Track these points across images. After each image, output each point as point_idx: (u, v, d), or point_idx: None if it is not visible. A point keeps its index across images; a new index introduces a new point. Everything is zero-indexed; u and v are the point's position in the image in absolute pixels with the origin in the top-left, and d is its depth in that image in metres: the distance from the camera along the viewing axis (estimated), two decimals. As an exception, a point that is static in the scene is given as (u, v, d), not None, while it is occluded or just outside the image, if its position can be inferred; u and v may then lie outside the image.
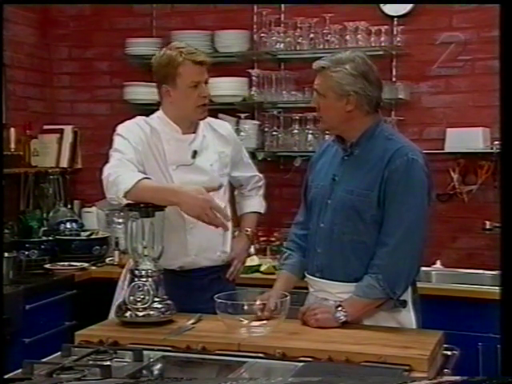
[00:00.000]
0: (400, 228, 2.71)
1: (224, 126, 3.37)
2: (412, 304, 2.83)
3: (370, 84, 2.77)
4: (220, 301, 2.62)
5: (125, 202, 2.86)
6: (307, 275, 2.93)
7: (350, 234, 2.78)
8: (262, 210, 3.46)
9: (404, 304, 2.78)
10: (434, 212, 4.46)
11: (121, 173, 2.91)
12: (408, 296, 2.82)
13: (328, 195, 2.84)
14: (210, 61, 3.15)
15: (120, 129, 3.12)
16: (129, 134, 3.07)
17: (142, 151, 3.05)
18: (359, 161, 2.81)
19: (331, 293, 2.82)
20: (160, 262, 2.87)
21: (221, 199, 3.10)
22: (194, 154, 3.13)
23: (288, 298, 2.70)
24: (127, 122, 3.15)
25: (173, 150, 3.10)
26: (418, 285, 4.02)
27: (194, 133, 3.16)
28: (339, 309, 2.71)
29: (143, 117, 3.18)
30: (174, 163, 3.09)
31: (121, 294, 3.03)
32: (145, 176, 2.89)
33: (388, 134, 2.84)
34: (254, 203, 3.43)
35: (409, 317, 2.82)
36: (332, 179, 2.85)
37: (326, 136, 4.49)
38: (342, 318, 2.70)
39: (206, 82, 3.12)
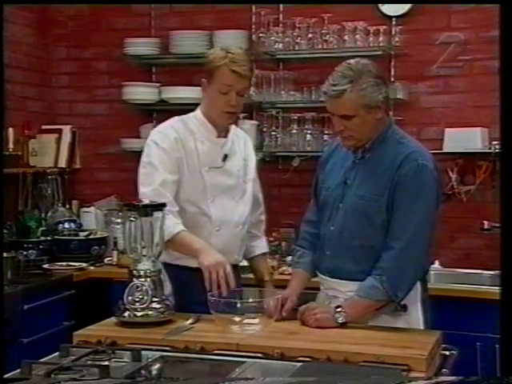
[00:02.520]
0: (407, 232, 2.71)
1: (248, 138, 3.42)
2: (421, 304, 2.83)
3: (386, 85, 2.79)
4: (213, 299, 2.65)
5: None
6: (318, 274, 2.95)
7: (359, 238, 2.79)
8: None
9: (405, 308, 2.78)
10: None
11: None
12: (417, 295, 2.82)
13: (340, 199, 2.85)
14: (251, 75, 3.20)
15: (155, 135, 3.17)
16: (165, 140, 3.11)
17: (177, 156, 3.10)
18: (370, 165, 2.80)
19: (341, 291, 2.84)
20: (180, 260, 3.05)
21: (245, 205, 3.22)
22: (225, 157, 3.20)
23: (280, 296, 2.71)
24: (162, 126, 3.21)
25: (206, 152, 3.16)
26: (417, 285, 4.04)
27: (225, 137, 3.22)
28: (339, 309, 2.71)
29: (179, 117, 3.22)
30: (206, 164, 3.15)
31: None
32: (182, 229, 2.99)
33: (399, 138, 2.83)
34: (263, 244, 3.44)
35: (416, 317, 2.83)
36: (344, 182, 2.85)
37: (325, 136, 4.51)
38: (341, 318, 2.70)
39: (241, 94, 3.12)
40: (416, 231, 2.72)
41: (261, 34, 4.68)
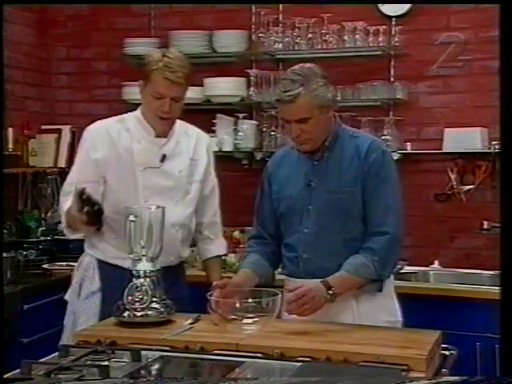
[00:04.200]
0: (390, 215, 2.84)
1: (206, 138, 3.38)
2: (395, 293, 2.95)
3: (330, 84, 2.85)
4: (212, 299, 2.65)
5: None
6: (292, 279, 2.93)
7: (340, 233, 2.86)
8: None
9: (381, 288, 2.87)
10: (431, 212, 4.50)
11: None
12: (391, 284, 2.93)
13: (308, 201, 2.88)
14: (186, 83, 3.07)
15: (87, 133, 3.22)
16: (93, 140, 3.17)
17: (105, 157, 3.12)
18: (333, 162, 2.88)
19: None
20: (114, 259, 3.10)
21: (186, 206, 3.18)
22: (163, 157, 3.14)
23: (279, 295, 2.72)
24: (95, 126, 3.22)
25: (142, 151, 3.13)
26: (416, 285, 4.07)
27: (165, 137, 3.17)
28: (330, 291, 2.73)
29: (117, 117, 3.23)
30: (141, 164, 3.11)
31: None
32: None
33: (352, 133, 2.96)
34: (216, 246, 3.39)
35: (394, 308, 2.93)
36: (307, 185, 2.89)
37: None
38: (332, 299, 2.73)
39: (176, 100, 3.07)
40: (396, 212, 2.87)
41: (260, 34, 4.69)
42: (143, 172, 3.11)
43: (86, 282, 3.20)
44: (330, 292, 2.74)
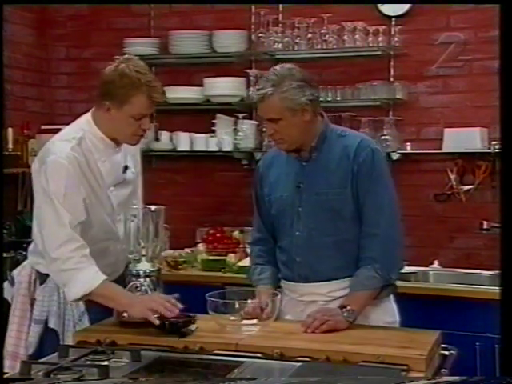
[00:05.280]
0: (382, 216, 2.79)
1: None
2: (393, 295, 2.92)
3: (314, 87, 2.81)
4: (211, 299, 2.65)
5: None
6: (287, 282, 2.92)
7: (331, 235, 2.82)
8: None
9: (396, 288, 2.88)
10: (431, 212, 4.50)
11: (77, 267, 2.70)
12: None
13: (298, 203, 2.85)
14: (164, 100, 2.88)
15: (53, 171, 2.74)
16: (69, 177, 2.74)
17: (86, 192, 2.81)
18: (321, 163, 2.84)
19: (321, 293, 2.83)
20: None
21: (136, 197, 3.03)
22: (125, 168, 2.97)
23: (279, 296, 2.72)
24: (60, 159, 2.75)
25: (109, 171, 2.89)
26: (416, 285, 4.07)
27: (119, 145, 2.95)
28: (346, 308, 2.69)
29: (72, 142, 2.81)
30: (111, 183, 2.91)
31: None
32: (104, 278, 2.71)
33: (340, 132, 2.90)
34: None
35: (392, 309, 2.90)
36: (296, 187, 2.86)
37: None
38: (351, 316, 2.69)
39: (151, 116, 2.96)
40: (390, 213, 2.81)
41: (260, 34, 4.69)
42: (114, 191, 2.92)
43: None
44: (347, 309, 2.68)
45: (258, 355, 2.43)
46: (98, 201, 2.87)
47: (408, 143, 4.51)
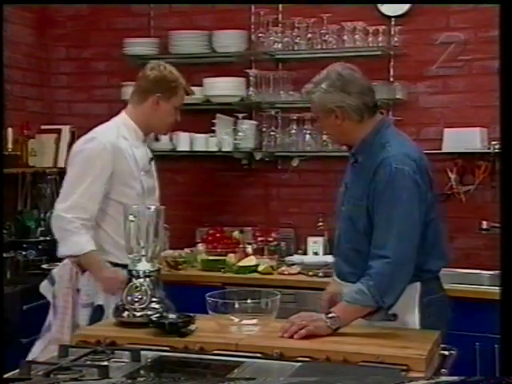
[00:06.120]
0: (390, 239, 2.68)
1: None
2: (419, 308, 2.79)
3: (350, 94, 2.80)
4: (211, 299, 2.65)
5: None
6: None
7: (349, 242, 2.87)
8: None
9: (395, 317, 2.75)
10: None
11: (74, 230, 3.23)
12: (415, 299, 2.79)
13: (342, 202, 2.92)
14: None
15: (103, 150, 3.31)
16: (109, 156, 3.29)
17: (121, 169, 3.30)
18: (359, 169, 2.86)
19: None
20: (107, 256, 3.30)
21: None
22: (151, 160, 3.50)
23: (278, 296, 2.72)
24: (108, 141, 3.31)
25: (140, 157, 3.41)
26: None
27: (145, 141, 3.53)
28: (331, 315, 2.64)
29: (112, 126, 3.41)
30: (142, 168, 3.40)
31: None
32: (93, 248, 3.24)
33: (384, 142, 2.80)
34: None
35: (412, 321, 2.79)
36: (345, 185, 2.93)
37: (324, 136, 4.51)
38: (333, 324, 2.63)
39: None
40: (399, 238, 2.67)
41: (260, 34, 4.69)
42: (144, 176, 3.39)
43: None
44: (331, 316, 2.62)
45: (258, 355, 2.43)
46: (135, 180, 3.34)
47: (408, 143, 4.51)
